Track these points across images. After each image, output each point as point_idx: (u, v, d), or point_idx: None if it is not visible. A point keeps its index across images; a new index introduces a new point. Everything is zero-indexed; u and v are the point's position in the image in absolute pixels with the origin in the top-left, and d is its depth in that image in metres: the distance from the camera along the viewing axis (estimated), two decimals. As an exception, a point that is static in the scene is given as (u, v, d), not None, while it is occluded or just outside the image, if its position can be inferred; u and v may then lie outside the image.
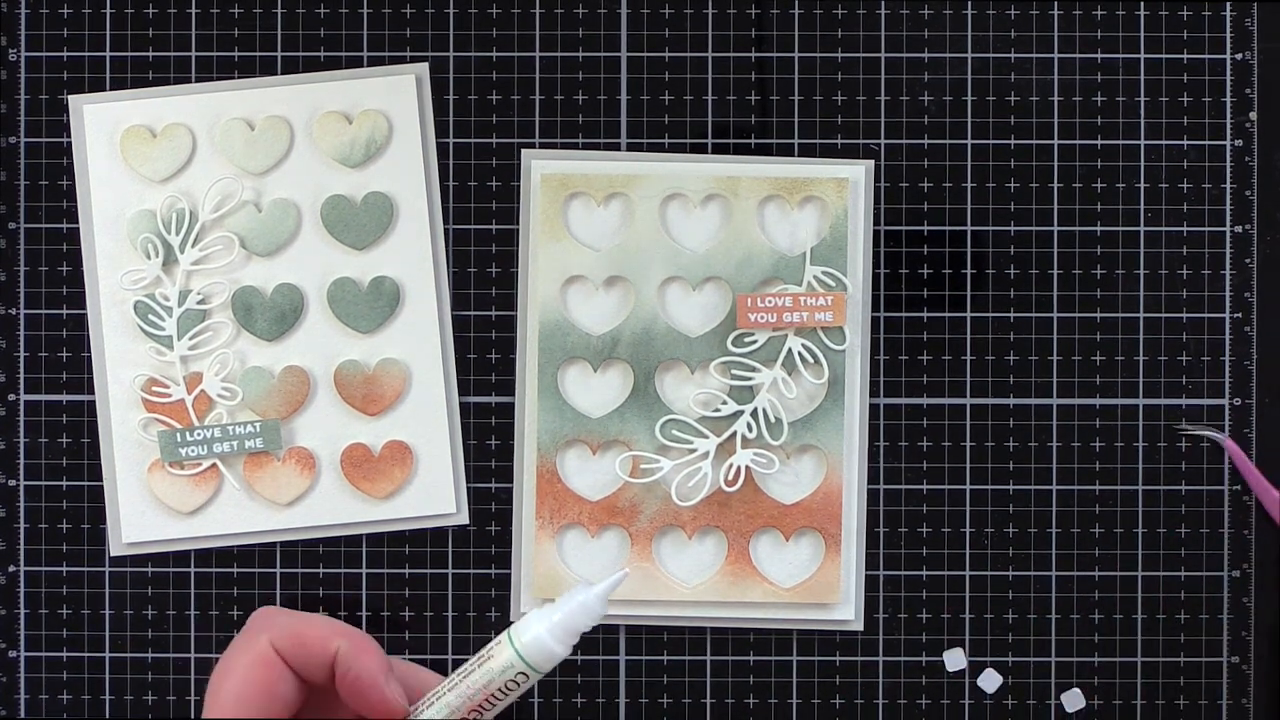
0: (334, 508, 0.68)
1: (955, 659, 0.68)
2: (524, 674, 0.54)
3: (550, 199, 0.67)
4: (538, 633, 0.54)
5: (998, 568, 0.68)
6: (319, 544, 0.68)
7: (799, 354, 0.66)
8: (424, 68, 0.68)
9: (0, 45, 0.68)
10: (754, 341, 0.67)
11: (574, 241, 0.67)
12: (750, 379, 0.67)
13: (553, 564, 0.67)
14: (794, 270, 0.67)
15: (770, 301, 0.66)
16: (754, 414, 0.67)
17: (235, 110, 0.68)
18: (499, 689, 0.54)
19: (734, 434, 0.67)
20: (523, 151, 0.68)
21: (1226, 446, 0.66)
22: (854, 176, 0.67)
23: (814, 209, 0.67)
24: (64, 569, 0.68)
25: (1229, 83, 0.68)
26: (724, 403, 0.67)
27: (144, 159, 0.67)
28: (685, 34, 0.68)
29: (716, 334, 0.67)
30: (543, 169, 0.67)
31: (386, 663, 0.54)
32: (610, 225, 0.67)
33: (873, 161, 0.67)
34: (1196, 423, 0.67)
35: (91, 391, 0.68)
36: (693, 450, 0.67)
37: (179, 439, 0.67)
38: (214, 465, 0.67)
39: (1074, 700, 0.68)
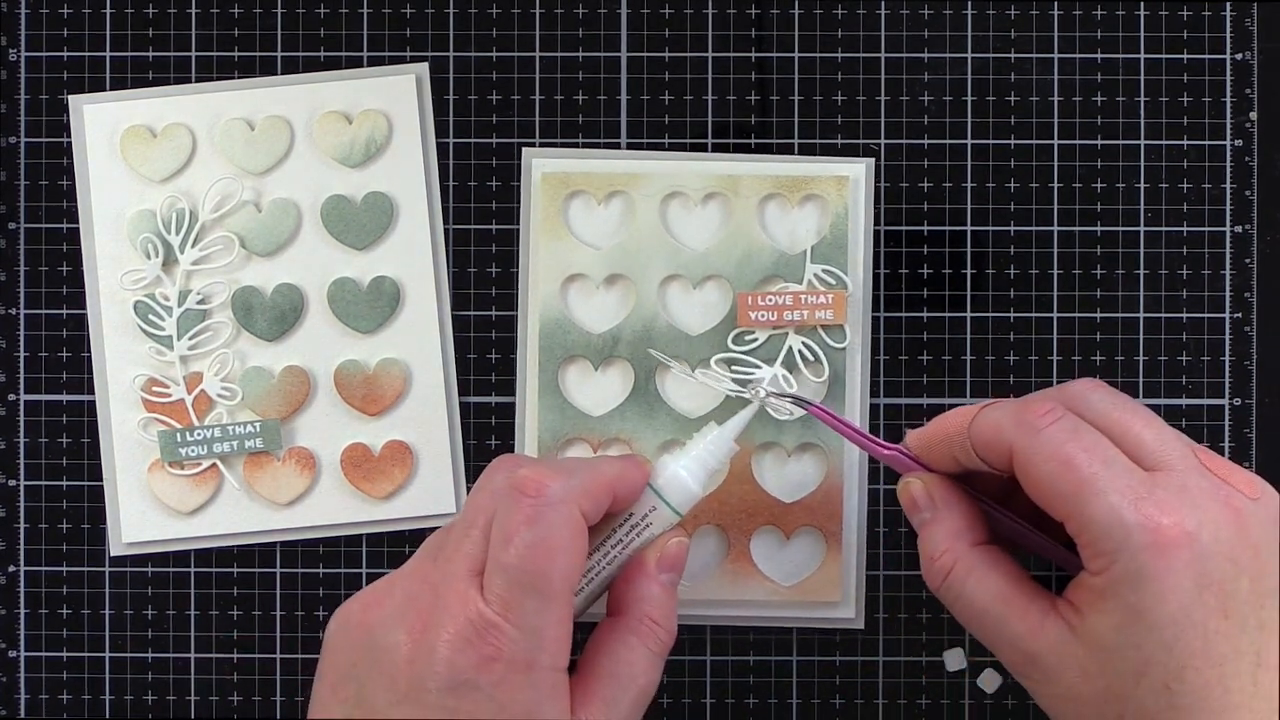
0: (334, 508, 0.68)
1: (955, 659, 0.68)
2: (661, 515, 0.58)
3: (550, 197, 0.67)
4: (674, 469, 0.58)
5: (998, 567, 0.68)
6: (319, 544, 0.68)
7: (799, 352, 0.66)
8: (424, 68, 0.68)
9: (0, 45, 0.68)
10: (754, 340, 0.67)
11: (574, 240, 0.67)
12: (750, 377, 0.67)
13: (554, 562, 0.67)
14: (794, 268, 0.67)
15: (771, 300, 0.66)
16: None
17: (235, 110, 0.68)
18: (635, 530, 0.58)
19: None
20: (523, 150, 0.68)
21: (811, 412, 0.63)
22: (854, 174, 0.67)
23: (814, 207, 0.67)
24: (64, 569, 0.68)
25: (1229, 83, 0.68)
26: (724, 400, 0.67)
27: (144, 159, 0.67)
28: (685, 34, 0.68)
29: (717, 332, 0.67)
30: (543, 167, 0.67)
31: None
32: (611, 224, 0.67)
33: (873, 159, 0.67)
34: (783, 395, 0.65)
35: (91, 391, 0.68)
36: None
37: (179, 439, 0.67)
38: (214, 465, 0.67)
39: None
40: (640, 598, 0.58)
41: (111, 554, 0.68)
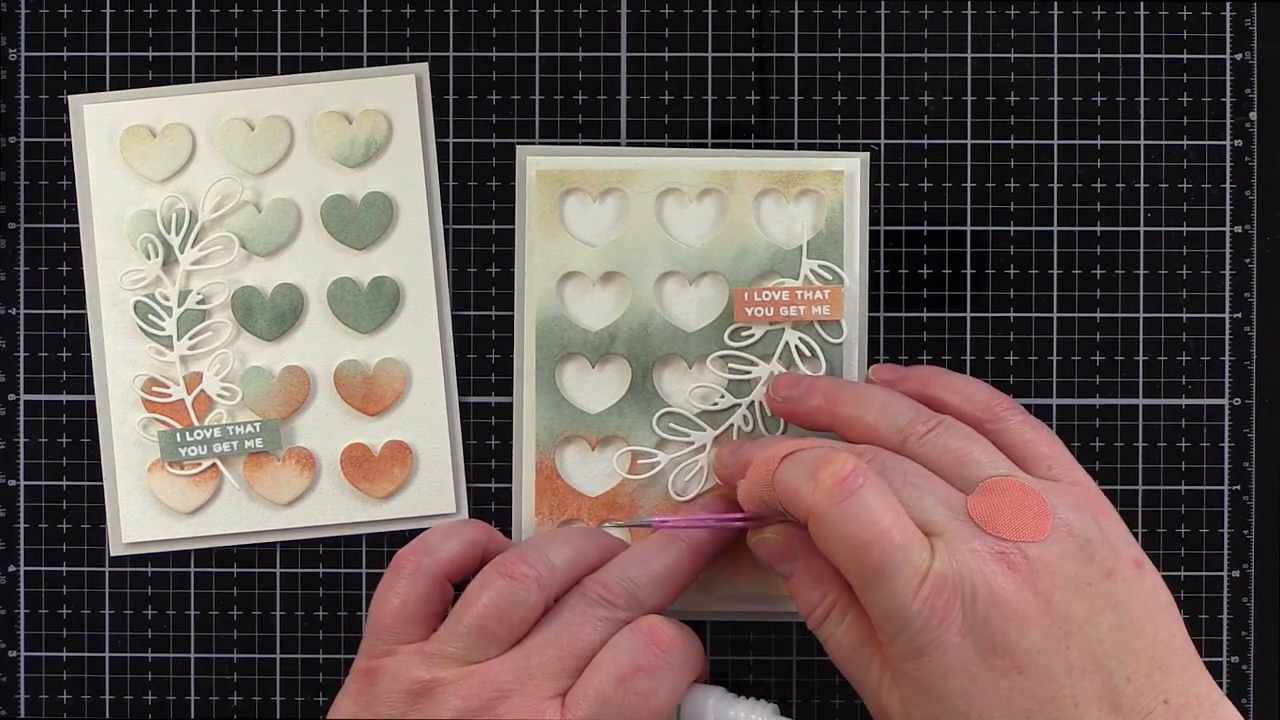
0: (334, 508, 0.68)
1: (955, 659, 0.68)
2: None
3: (545, 195, 0.67)
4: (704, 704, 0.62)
5: (998, 567, 0.68)
6: (319, 544, 0.68)
7: (796, 348, 0.66)
8: (424, 68, 0.68)
9: (0, 45, 0.68)
10: (751, 336, 0.67)
11: (570, 237, 0.67)
12: (748, 373, 0.67)
13: (552, 561, 0.67)
14: (790, 264, 0.67)
15: (767, 295, 0.66)
16: (750, 407, 0.67)
17: (235, 110, 0.68)
18: None
19: (730, 427, 0.67)
20: (518, 148, 0.68)
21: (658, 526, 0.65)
22: (849, 169, 0.67)
23: (810, 202, 0.67)
24: (64, 569, 0.68)
25: (1229, 83, 0.68)
26: (721, 396, 0.67)
27: (144, 159, 0.67)
28: (685, 34, 0.68)
29: (714, 328, 0.67)
30: (538, 165, 0.67)
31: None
32: (606, 221, 0.67)
33: (868, 154, 0.67)
34: None
35: (91, 391, 0.68)
36: (690, 444, 0.67)
37: (179, 439, 0.67)
38: (214, 465, 0.67)
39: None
40: None
41: (111, 554, 0.68)
